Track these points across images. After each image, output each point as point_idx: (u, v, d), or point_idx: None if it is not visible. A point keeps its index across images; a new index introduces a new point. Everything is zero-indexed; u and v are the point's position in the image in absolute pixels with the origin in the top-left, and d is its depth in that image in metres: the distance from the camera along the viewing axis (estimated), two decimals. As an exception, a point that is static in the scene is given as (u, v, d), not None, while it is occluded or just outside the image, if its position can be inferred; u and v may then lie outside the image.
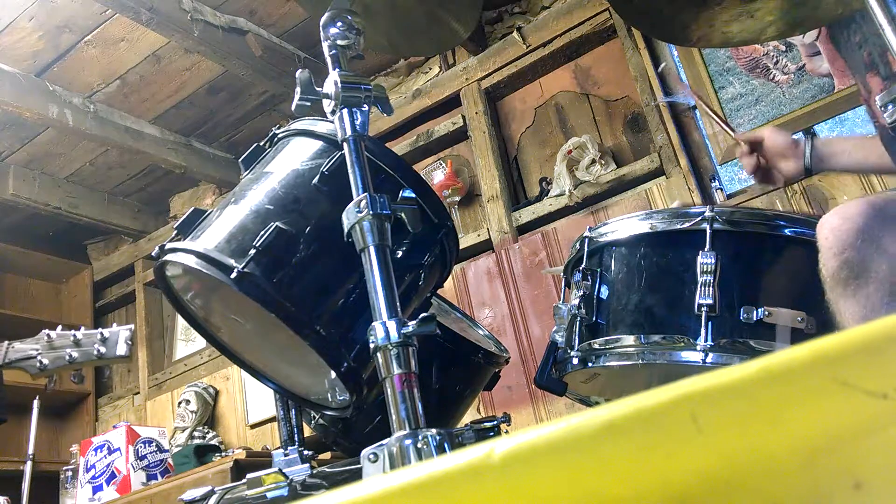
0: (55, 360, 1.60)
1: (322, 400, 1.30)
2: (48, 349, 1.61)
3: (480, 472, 0.37)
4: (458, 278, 2.99)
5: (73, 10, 2.84)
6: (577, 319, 1.42)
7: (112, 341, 1.64)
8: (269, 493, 1.23)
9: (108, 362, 1.66)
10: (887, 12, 0.85)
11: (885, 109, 1.01)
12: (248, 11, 3.06)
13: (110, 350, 1.63)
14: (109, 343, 1.64)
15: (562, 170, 2.91)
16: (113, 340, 1.65)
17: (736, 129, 1.82)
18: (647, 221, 1.40)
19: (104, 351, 1.62)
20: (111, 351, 1.63)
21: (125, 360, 1.66)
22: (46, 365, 1.60)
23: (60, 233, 4.18)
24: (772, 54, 2.63)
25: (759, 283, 1.32)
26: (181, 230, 1.25)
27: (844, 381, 0.37)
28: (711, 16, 1.42)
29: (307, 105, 1.11)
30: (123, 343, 1.65)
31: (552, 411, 2.68)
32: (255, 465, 2.55)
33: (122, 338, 1.65)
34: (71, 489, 3.32)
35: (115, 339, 1.65)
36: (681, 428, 0.36)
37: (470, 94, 3.28)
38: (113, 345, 1.64)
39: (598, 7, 2.99)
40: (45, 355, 1.60)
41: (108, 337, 1.65)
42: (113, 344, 1.64)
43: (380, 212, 0.99)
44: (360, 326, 1.08)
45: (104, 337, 1.64)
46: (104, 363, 1.65)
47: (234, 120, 3.74)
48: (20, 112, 3.09)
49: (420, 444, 0.86)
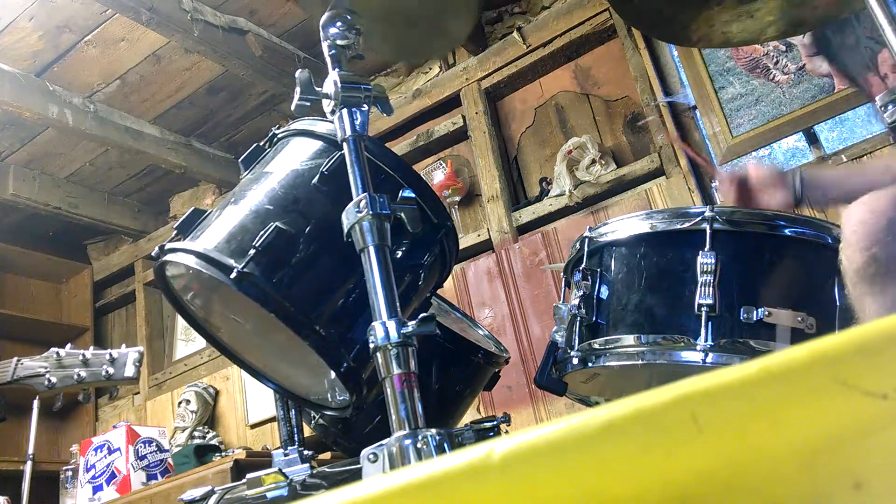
0: (63, 379, 1.61)
1: (322, 400, 1.30)
2: (57, 367, 1.62)
3: (480, 472, 0.37)
4: (458, 278, 2.99)
5: (73, 10, 2.84)
6: (577, 319, 1.42)
7: (120, 363, 1.65)
8: (269, 493, 1.23)
9: (115, 383, 1.66)
10: (887, 12, 0.85)
11: (885, 109, 1.01)
12: (248, 11, 3.06)
13: (118, 371, 1.64)
14: (118, 364, 1.65)
15: (562, 170, 2.91)
16: (121, 362, 1.65)
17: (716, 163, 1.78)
18: (647, 221, 1.40)
19: (112, 372, 1.63)
20: (119, 372, 1.64)
21: (133, 381, 1.67)
22: (55, 383, 1.61)
23: (60, 233, 4.18)
24: (772, 54, 2.63)
25: (759, 283, 1.32)
26: (181, 230, 1.25)
27: (844, 381, 0.37)
28: (711, 16, 1.42)
29: (307, 105, 1.11)
30: (132, 365, 1.65)
31: (552, 411, 2.68)
32: (255, 465, 2.55)
33: (130, 359, 1.66)
34: (71, 489, 3.32)
35: (123, 361, 1.65)
36: (681, 428, 0.36)
37: (470, 94, 3.28)
38: (121, 366, 1.65)
39: (598, 7, 2.99)
40: (54, 373, 1.61)
41: (117, 358, 1.65)
42: (121, 365, 1.65)
43: (379, 212, 0.99)
44: (360, 326, 1.08)
45: (113, 358, 1.65)
46: (112, 384, 1.66)
47: (234, 120, 3.74)
48: (20, 112, 3.09)
49: (420, 444, 0.86)
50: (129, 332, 4.28)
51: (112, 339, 4.39)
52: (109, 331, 4.43)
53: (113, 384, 1.66)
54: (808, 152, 2.59)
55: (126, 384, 1.70)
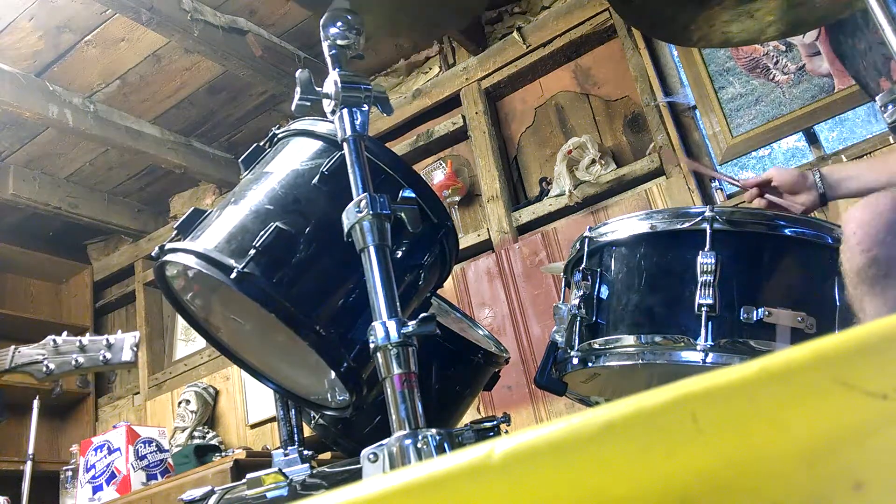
0: (61, 365, 1.61)
1: (322, 400, 1.30)
2: (54, 354, 1.63)
3: (480, 472, 0.37)
4: (458, 278, 2.99)
5: (73, 10, 2.84)
6: (577, 319, 1.42)
7: (117, 347, 1.66)
8: (268, 493, 1.23)
9: (113, 368, 1.68)
10: (887, 12, 0.85)
11: (885, 109, 1.01)
12: (248, 11, 3.06)
13: (115, 356, 1.65)
14: (115, 349, 1.66)
15: (562, 170, 2.91)
16: (118, 346, 1.66)
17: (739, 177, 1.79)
18: (647, 221, 1.40)
19: (110, 357, 1.64)
20: (116, 357, 1.65)
21: (130, 366, 1.68)
22: (52, 370, 1.61)
23: (60, 233, 4.18)
24: (772, 54, 2.63)
25: (759, 283, 1.32)
26: (181, 230, 1.25)
27: (844, 382, 0.37)
28: (711, 16, 1.42)
29: (307, 105, 1.11)
30: (129, 349, 1.66)
31: (552, 411, 2.68)
32: (255, 465, 2.55)
33: (127, 344, 1.67)
34: (71, 489, 3.32)
35: (120, 345, 1.67)
36: (681, 428, 0.36)
37: (470, 94, 3.28)
38: (118, 351, 1.66)
39: (598, 7, 2.99)
40: (52, 360, 1.61)
41: (114, 343, 1.67)
42: (118, 350, 1.66)
43: (380, 212, 0.99)
44: (360, 326, 1.08)
45: (110, 343, 1.66)
46: (109, 369, 1.67)
47: (234, 120, 3.74)
48: (20, 112, 3.09)
49: (420, 444, 0.86)
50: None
51: (112, 339, 4.38)
52: (109, 331, 4.43)
53: (111, 368, 1.67)
54: (808, 152, 2.60)
55: (123, 368, 1.71)
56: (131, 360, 1.66)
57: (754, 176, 1.62)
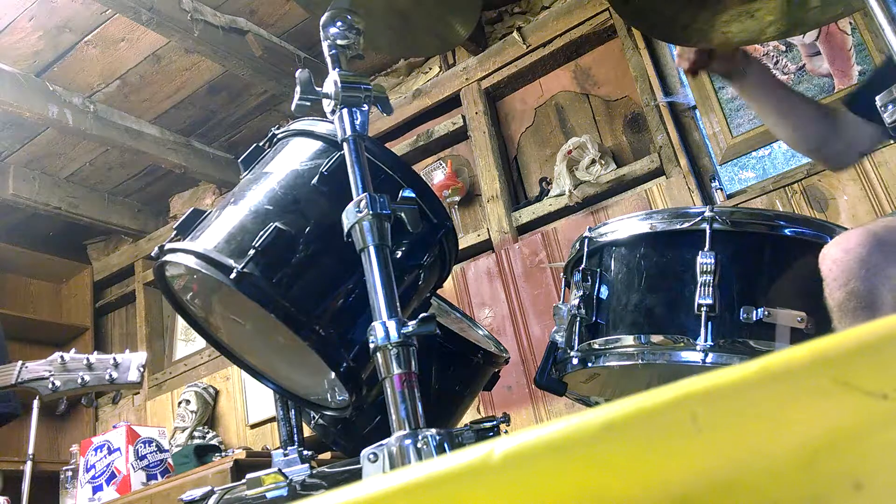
0: (67, 383, 1.61)
1: (322, 400, 1.30)
2: (61, 371, 1.62)
3: (480, 472, 0.37)
4: (458, 278, 2.99)
5: (73, 10, 2.84)
6: (577, 319, 1.42)
7: (124, 367, 1.66)
8: (268, 493, 1.23)
9: (119, 388, 1.67)
10: (887, 12, 0.85)
11: (885, 109, 1.01)
12: (248, 11, 3.06)
13: (122, 376, 1.65)
14: (121, 369, 1.66)
15: (562, 170, 2.91)
16: (125, 366, 1.66)
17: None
18: (647, 221, 1.40)
19: (116, 376, 1.64)
20: (123, 377, 1.65)
21: (136, 386, 1.68)
22: (58, 387, 1.61)
23: (60, 233, 4.17)
24: (772, 54, 2.63)
25: (759, 283, 1.32)
26: (181, 230, 1.25)
27: (844, 381, 0.37)
28: (711, 16, 1.42)
29: (307, 105, 1.11)
30: (136, 370, 1.66)
31: (552, 411, 2.68)
32: (255, 465, 2.55)
33: (134, 364, 1.67)
34: (71, 489, 3.32)
35: (127, 365, 1.67)
36: (681, 428, 0.36)
37: (470, 94, 3.28)
38: (125, 371, 1.66)
39: (598, 7, 2.99)
40: (58, 377, 1.61)
41: (121, 363, 1.66)
42: (125, 370, 1.66)
43: (379, 212, 0.99)
44: (360, 326, 1.08)
45: (117, 362, 1.66)
46: (115, 388, 1.67)
47: (234, 120, 3.74)
48: (20, 112, 3.09)
49: (420, 444, 0.86)
50: (129, 332, 4.28)
51: (112, 339, 4.39)
52: (109, 331, 4.44)
53: (116, 388, 1.67)
54: (808, 152, 2.59)
55: (129, 388, 1.71)
56: (137, 381, 1.66)
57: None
